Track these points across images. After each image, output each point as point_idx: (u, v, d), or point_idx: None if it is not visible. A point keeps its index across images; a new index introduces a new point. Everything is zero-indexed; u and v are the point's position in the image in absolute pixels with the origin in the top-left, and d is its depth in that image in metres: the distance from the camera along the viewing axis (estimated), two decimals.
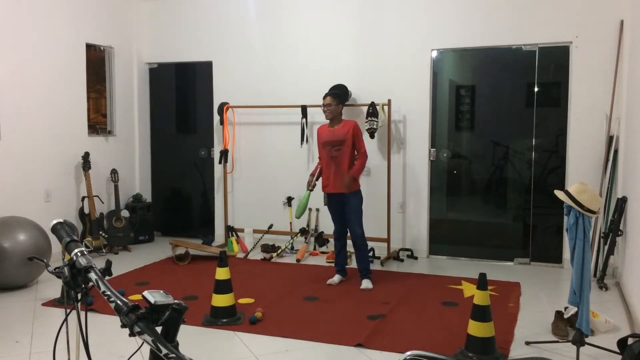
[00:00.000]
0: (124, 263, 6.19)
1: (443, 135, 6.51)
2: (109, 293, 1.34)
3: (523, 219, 6.23)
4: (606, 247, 5.43)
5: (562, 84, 6.00)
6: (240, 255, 6.62)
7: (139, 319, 1.25)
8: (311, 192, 5.39)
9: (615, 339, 3.51)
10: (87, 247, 4.13)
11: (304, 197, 5.36)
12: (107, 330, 4.10)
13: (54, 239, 5.37)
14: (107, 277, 1.45)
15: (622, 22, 5.64)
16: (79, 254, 1.48)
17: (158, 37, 7.51)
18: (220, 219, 7.36)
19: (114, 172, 6.88)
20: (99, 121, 7.15)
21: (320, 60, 6.76)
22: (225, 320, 4.28)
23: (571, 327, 4.01)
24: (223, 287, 4.31)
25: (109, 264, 1.49)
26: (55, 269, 1.48)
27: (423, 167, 6.46)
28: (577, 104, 5.87)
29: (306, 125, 6.67)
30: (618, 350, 3.44)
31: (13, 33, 5.72)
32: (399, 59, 6.45)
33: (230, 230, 7.05)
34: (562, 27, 5.87)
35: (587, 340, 3.59)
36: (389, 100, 6.32)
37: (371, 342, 3.92)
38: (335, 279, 5.42)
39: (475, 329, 3.58)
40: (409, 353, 1.32)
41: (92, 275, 1.42)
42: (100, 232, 6.56)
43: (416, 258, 6.43)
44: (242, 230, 7.00)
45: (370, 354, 3.75)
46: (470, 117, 6.42)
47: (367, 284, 5.24)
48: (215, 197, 7.39)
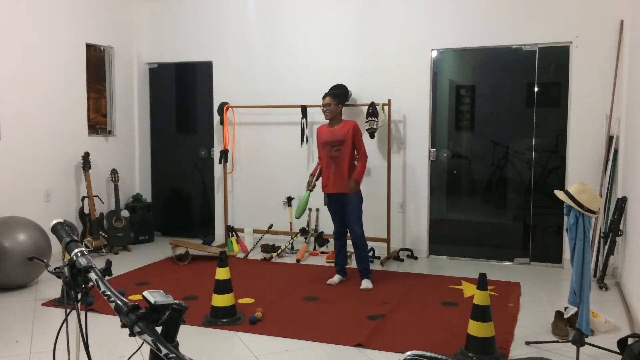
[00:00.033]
0: (124, 263, 6.19)
1: (443, 135, 6.51)
2: (109, 293, 1.34)
3: (523, 219, 6.23)
4: (606, 247, 5.43)
5: (562, 84, 6.00)
6: (240, 255, 6.62)
7: (139, 319, 1.25)
8: (311, 192, 5.39)
9: (615, 339, 3.51)
10: (87, 247, 4.13)
11: (304, 198, 5.36)
12: (107, 330, 4.10)
13: (54, 239, 5.37)
14: (107, 277, 1.45)
15: (622, 22, 5.64)
16: (79, 254, 1.48)
17: (158, 37, 7.51)
18: (220, 219, 7.36)
19: (114, 172, 6.88)
20: (99, 121, 7.15)
21: (320, 60, 6.76)
22: (225, 320, 4.28)
23: (571, 327, 4.01)
24: (223, 287, 4.31)
25: (109, 264, 1.49)
26: (55, 269, 1.48)
27: (423, 167, 6.46)
28: (577, 104, 5.87)
29: (306, 125, 6.67)
30: (618, 350, 3.44)
31: (13, 33, 5.73)
32: (399, 59, 6.46)
33: (230, 230, 7.05)
34: (562, 27, 5.87)
35: (587, 340, 3.59)
36: (389, 100, 6.32)
37: (371, 342, 3.92)
38: (335, 279, 5.42)
39: (475, 329, 3.58)
40: (409, 353, 1.32)
41: (92, 275, 1.42)
42: (100, 232, 6.56)
43: (416, 258, 6.43)
44: (242, 230, 7.00)
45: (370, 354, 3.75)
46: (470, 117, 6.42)
47: (367, 284, 5.24)
48: (215, 197, 7.39)
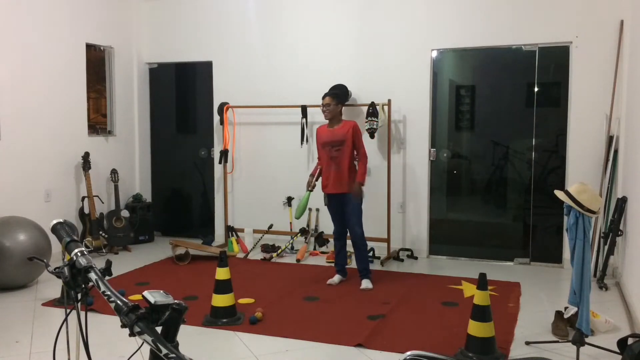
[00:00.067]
0: (124, 263, 6.19)
1: (443, 135, 6.51)
2: (109, 293, 1.34)
3: (523, 219, 6.23)
4: (606, 247, 5.43)
5: (562, 84, 6.00)
6: (240, 255, 6.62)
7: (139, 319, 1.25)
8: (311, 192, 5.39)
9: (615, 339, 3.51)
10: (87, 247, 4.13)
11: (304, 198, 5.35)
12: (107, 330, 4.10)
13: (54, 239, 5.37)
14: (107, 277, 1.45)
15: (622, 22, 5.64)
16: (79, 254, 1.48)
17: (158, 37, 7.51)
18: (220, 219, 7.36)
19: (114, 172, 6.88)
20: (99, 121, 7.15)
21: (320, 60, 6.76)
22: (225, 320, 4.28)
23: (571, 327, 4.01)
24: (223, 287, 4.31)
25: (109, 264, 1.49)
26: (55, 269, 1.48)
27: (423, 167, 6.46)
28: (577, 104, 5.87)
29: (306, 125, 6.67)
30: (618, 350, 3.44)
31: (13, 33, 5.73)
32: (399, 59, 6.46)
33: (230, 230, 7.05)
34: (562, 27, 5.87)
35: (587, 340, 3.59)
36: (389, 100, 6.32)
37: (371, 342, 3.92)
38: (335, 279, 5.42)
39: (475, 329, 3.58)
40: (409, 353, 1.32)
41: (92, 275, 1.42)
42: (100, 232, 6.56)
43: (416, 258, 6.43)
44: (242, 230, 7.00)
45: (370, 354, 3.75)
46: (470, 117, 6.42)
47: (367, 284, 5.24)
48: (215, 197, 7.39)
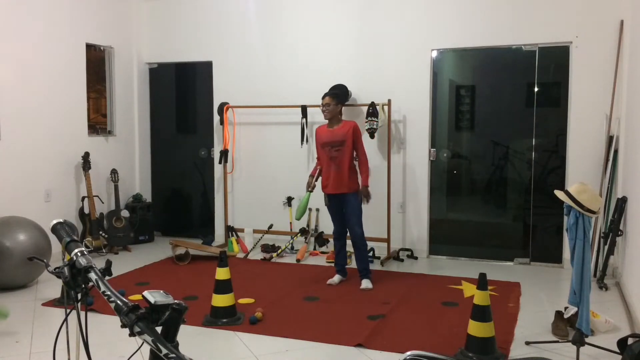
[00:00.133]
0: (124, 263, 6.19)
1: (443, 135, 6.51)
2: (109, 293, 1.34)
3: (523, 219, 6.23)
4: (606, 247, 5.43)
5: (562, 84, 6.00)
6: (240, 255, 6.62)
7: (139, 319, 1.25)
8: (311, 193, 5.39)
9: (615, 339, 3.51)
10: (87, 247, 4.13)
11: (304, 199, 5.35)
12: (107, 330, 4.10)
13: (54, 239, 5.37)
14: (107, 277, 1.45)
15: (622, 22, 5.64)
16: (79, 254, 1.48)
17: (158, 37, 7.51)
18: (220, 219, 7.36)
19: (114, 172, 6.88)
20: (99, 121, 7.15)
21: (320, 60, 6.76)
22: (225, 320, 4.28)
23: (571, 327, 4.01)
24: (223, 287, 4.31)
25: (109, 264, 1.49)
26: (55, 269, 1.48)
27: (423, 167, 6.46)
28: (577, 104, 5.87)
29: (306, 125, 6.67)
30: (618, 350, 3.44)
31: (13, 33, 5.73)
32: (399, 59, 6.46)
33: (230, 230, 7.05)
34: (562, 27, 5.87)
35: (587, 340, 3.59)
36: (389, 100, 6.32)
37: (371, 342, 3.92)
38: (335, 279, 5.42)
39: (475, 329, 3.58)
40: (409, 353, 1.32)
41: (92, 275, 1.42)
42: (100, 232, 6.56)
43: (416, 258, 6.43)
44: (242, 230, 7.00)
45: (370, 354, 3.75)
46: (470, 117, 6.42)
47: (367, 284, 5.24)
48: (215, 197, 7.39)
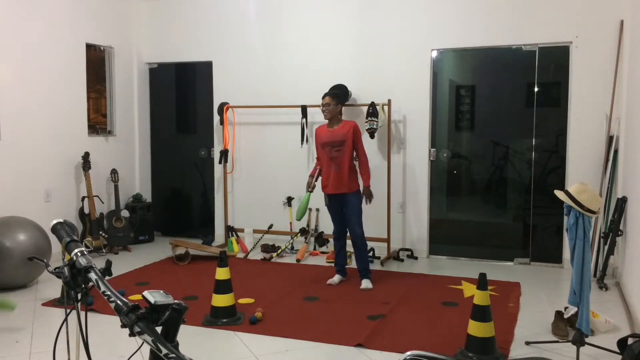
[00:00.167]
0: (124, 263, 6.19)
1: (443, 135, 6.51)
2: (109, 293, 1.34)
3: (523, 219, 6.23)
4: (606, 247, 5.43)
5: (562, 84, 6.00)
6: (240, 255, 6.62)
7: (139, 319, 1.25)
8: (311, 193, 5.39)
9: (615, 339, 3.51)
10: (87, 247, 4.13)
11: (304, 199, 5.35)
12: (107, 330, 4.10)
13: (54, 239, 5.37)
14: (107, 277, 1.45)
15: (622, 22, 5.64)
16: (79, 254, 1.48)
17: (158, 37, 7.51)
18: (220, 219, 7.36)
19: (114, 172, 6.88)
20: (99, 121, 7.15)
21: (320, 60, 6.76)
22: (225, 320, 4.28)
23: (571, 327, 4.01)
24: (223, 287, 4.31)
25: (109, 264, 1.49)
26: (55, 269, 1.48)
27: (423, 167, 6.46)
28: (577, 104, 5.87)
29: (306, 125, 6.67)
30: (618, 350, 3.44)
31: (13, 33, 5.73)
32: (399, 59, 6.46)
33: (230, 230, 7.05)
34: (562, 27, 5.87)
35: (587, 340, 3.59)
36: (389, 100, 6.32)
37: (371, 342, 3.92)
38: (335, 279, 5.42)
39: (475, 329, 3.58)
40: (409, 353, 1.32)
41: (92, 275, 1.42)
42: (100, 232, 6.56)
43: (416, 258, 6.43)
44: (242, 230, 7.00)
45: (370, 354, 3.75)
46: (470, 117, 6.42)
47: (367, 284, 5.24)
48: (215, 197, 7.39)
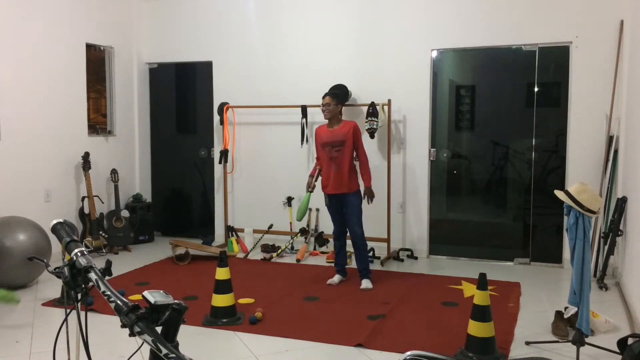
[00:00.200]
0: (124, 263, 6.19)
1: (443, 135, 6.51)
2: (109, 293, 1.34)
3: (523, 219, 6.23)
4: (606, 247, 5.43)
5: (562, 84, 6.00)
6: (240, 255, 6.62)
7: (139, 319, 1.25)
8: (311, 193, 5.39)
9: (615, 339, 3.51)
10: (87, 247, 4.13)
11: (304, 199, 5.35)
12: (107, 330, 4.10)
13: (54, 239, 5.37)
14: (107, 277, 1.45)
15: (622, 22, 5.64)
16: (79, 254, 1.48)
17: (158, 37, 7.51)
18: (220, 219, 7.36)
19: (114, 172, 6.88)
20: (99, 121, 7.15)
21: (320, 60, 6.76)
22: (225, 320, 4.28)
23: (571, 327, 4.01)
24: (223, 287, 4.31)
25: (109, 264, 1.49)
26: (55, 269, 1.48)
27: (423, 167, 6.46)
28: (577, 104, 5.87)
29: (306, 125, 6.67)
30: (618, 350, 3.44)
31: (13, 33, 5.73)
32: (399, 59, 6.45)
33: (230, 230, 7.05)
34: (562, 27, 5.87)
35: (587, 340, 3.59)
36: (389, 100, 6.32)
37: (371, 342, 3.92)
38: (335, 279, 5.42)
39: (475, 329, 3.58)
40: (409, 353, 1.32)
41: (92, 275, 1.42)
42: (100, 232, 6.56)
43: (416, 258, 6.43)
44: (242, 230, 7.00)
45: (370, 354, 3.75)
46: (470, 117, 6.42)
47: (367, 284, 5.24)
48: (215, 197, 7.39)
